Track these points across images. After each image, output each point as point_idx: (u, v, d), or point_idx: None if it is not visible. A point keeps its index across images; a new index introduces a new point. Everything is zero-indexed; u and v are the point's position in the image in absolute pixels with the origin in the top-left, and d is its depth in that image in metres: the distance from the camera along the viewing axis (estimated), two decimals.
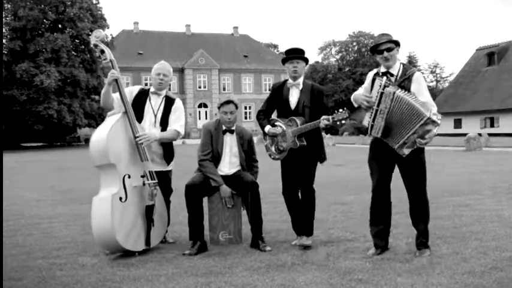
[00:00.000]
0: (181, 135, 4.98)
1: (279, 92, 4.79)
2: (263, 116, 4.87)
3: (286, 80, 4.81)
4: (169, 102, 4.94)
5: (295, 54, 4.68)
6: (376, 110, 4.04)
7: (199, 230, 4.61)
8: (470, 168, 12.26)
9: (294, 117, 4.62)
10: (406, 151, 4.01)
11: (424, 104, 3.95)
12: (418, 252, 4.12)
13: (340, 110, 4.38)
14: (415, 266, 3.83)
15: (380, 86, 4.05)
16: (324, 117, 4.40)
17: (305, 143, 4.59)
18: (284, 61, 4.75)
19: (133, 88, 4.95)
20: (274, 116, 4.90)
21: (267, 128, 4.75)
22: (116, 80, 4.61)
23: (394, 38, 4.15)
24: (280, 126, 4.68)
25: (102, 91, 4.72)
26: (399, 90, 3.99)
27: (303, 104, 4.64)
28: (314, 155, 4.70)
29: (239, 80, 59.25)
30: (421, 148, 4.13)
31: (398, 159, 4.15)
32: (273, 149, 4.79)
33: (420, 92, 4.05)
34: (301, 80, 4.71)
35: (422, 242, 4.17)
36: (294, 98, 4.70)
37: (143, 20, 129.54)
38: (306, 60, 4.76)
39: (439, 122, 3.89)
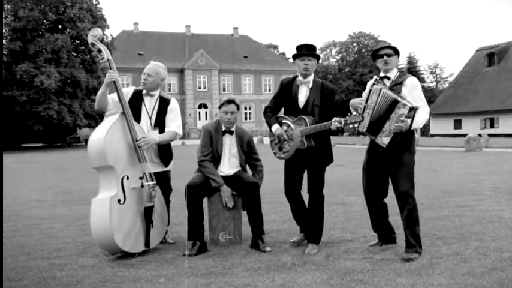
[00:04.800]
0: (179, 136, 4.96)
1: (287, 89, 4.61)
2: (270, 113, 4.69)
3: (296, 76, 4.62)
4: (164, 102, 4.88)
5: (307, 51, 4.49)
6: (364, 106, 4.20)
7: (199, 230, 4.60)
8: (470, 168, 12.25)
9: (303, 116, 4.44)
10: (385, 140, 4.12)
11: (401, 95, 4.11)
12: (405, 254, 4.08)
13: (354, 113, 4.24)
14: (415, 266, 3.83)
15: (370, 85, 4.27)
16: (335, 119, 4.23)
17: (313, 144, 4.43)
18: (294, 57, 4.57)
19: (128, 89, 4.87)
20: (281, 113, 4.76)
21: (275, 127, 4.58)
22: (114, 82, 4.56)
23: (397, 49, 4.36)
24: (288, 125, 4.52)
25: (99, 92, 4.64)
26: (386, 87, 4.17)
27: (312, 103, 4.47)
28: (322, 158, 4.55)
29: (239, 80, 59.25)
30: (410, 151, 4.21)
31: (390, 165, 4.25)
32: (278, 147, 4.64)
33: (412, 95, 4.19)
34: (311, 78, 4.55)
35: (411, 244, 4.14)
36: (302, 96, 4.54)
37: (143, 21, 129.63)
38: (318, 57, 4.60)
39: (409, 104, 3.99)
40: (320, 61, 5.44)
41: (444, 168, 12.62)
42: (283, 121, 4.59)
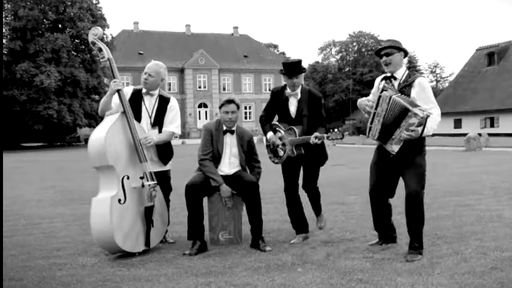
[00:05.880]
0: (176, 135, 4.98)
1: (278, 98, 4.90)
2: (265, 122, 5.00)
3: (285, 86, 4.89)
4: (163, 101, 4.89)
5: (292, 71, 4.71)
6: (374, 113, 4.13)
7: (199, 230, 4.60)
8: (470, 168, 12.25)
9: (293, 127, 4.75)
10: (395, 148, 4.08)
11: (412, 101, 4.01)
12: (409, 256, 4.06)
13: (336, 130, 4.64)
14: (415, 266, 3.83)
15: (379, 89, 4.17)
16: (316, 134, 4.55)
17: (302, 151, 4.73)
18: (282, 73, 4.82)
19: (127, 89, 4.86)
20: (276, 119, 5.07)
21: (269, 135, 4.88)
22: (118, 91, 4.55)
23: (400, 46, 4.23)
24: (281, 133, 4.80)
25: (103, 100, 4.67)
26: (396, 94, 4.05)
27: (301, 114, 4.78)
28: (317, 159, 4.84)
29: (239, 80, 59.24)
30: (421, 152, 4.17)
31: (401, 167, 4.20)
32: (273, 153, 4.90)
33: (421, 97, 4.09)
34: (299, 89, 4.82)
35: (414, 246, 4.14)
36: (293, 107, 4.83)
37: (143, 20, 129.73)
38: (304, 71, 4.84)
39: (421, 114, 3.92)
40: (320, 61, 5.60)
41: (444, 167, 12.62)
42: (277, 129, 4.88)
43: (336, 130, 4.66)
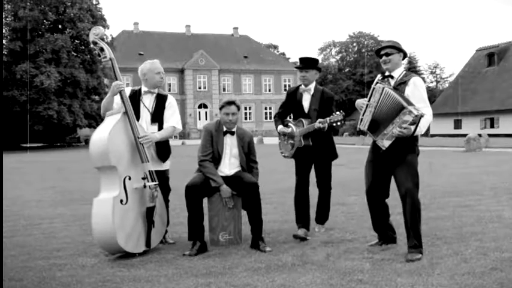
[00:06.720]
0: (178, 130, 5.00)
1: (293, 97, 5.22)
2: (278, 117, 5.34)
3: (300, 85, 5.21)
4: (161, 98, 4.94)
5: (303, 64, 5.12)
6: (367, 105, 4.18)
7: (199, 230, 4.60)
8: (470, 168, 12.26)
9: (301, 119, 5.02)
10: (386, 143, 4.09)
11: (407, 99, 4.05)
12: (409, 255, 4.06)
13: (337, 113, 4.81)
14: (415, 266, 3.83)
15: (373, 83, 4.26)
16: (319, 120, 4.81)
17: (310, 143, 4.95)
18: (297, 67, 5.24)
19: (126, 90, 4.86)
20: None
21: (279, 127, 5.22)
22: (120, 92, 4.57)
23: (400, 47, 4.31)
24: (291, 127, 5.10)
25: (105, 101, 4.71)
26: (390, 87, 4.12)
27: (312, 108, 5.05)
28: (327, 155, 5.13)
29: (239, 80, 59.26)
30: (413, 151, 4.19)
31: (393, 165, 4.21)
32: (283, 147, 5.21)
33: (414, 95, 4.14)
34: (312, 85, 5.14)
35: (414, 245, 4.14)
36: (306, 102, 5.12)
37: (143, 21, 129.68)
38: (317, 68, 5.20)
39: (416, 113, 3.93)
40: (320, 61, 5.93)
41: (444, 168, 12.62)
42: (289, 123, 5.20)
43: (337, 113, 4.82)
